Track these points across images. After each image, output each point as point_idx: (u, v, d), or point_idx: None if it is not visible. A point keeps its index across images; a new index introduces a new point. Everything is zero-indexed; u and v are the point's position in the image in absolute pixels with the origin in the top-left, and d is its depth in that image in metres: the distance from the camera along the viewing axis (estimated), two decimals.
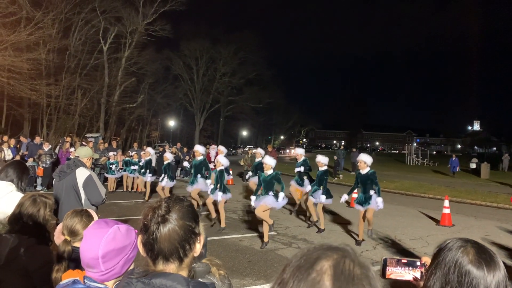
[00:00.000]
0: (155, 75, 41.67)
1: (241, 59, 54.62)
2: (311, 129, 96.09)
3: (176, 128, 57.35)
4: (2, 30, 20.92)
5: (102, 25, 31.97)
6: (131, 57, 35.62)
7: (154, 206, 1.33)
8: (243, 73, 55.32)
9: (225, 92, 56.11)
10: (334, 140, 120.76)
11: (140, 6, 34.66)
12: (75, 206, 4.15)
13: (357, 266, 0.79)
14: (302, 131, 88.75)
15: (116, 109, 35.14)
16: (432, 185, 19.27)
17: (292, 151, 60.30)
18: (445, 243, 1.29)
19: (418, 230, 9.49)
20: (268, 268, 6.48)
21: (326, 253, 0.81)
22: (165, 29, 36.15)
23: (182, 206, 1.33)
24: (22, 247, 2.22)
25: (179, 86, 51.24)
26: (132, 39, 34.97)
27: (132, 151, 16.67)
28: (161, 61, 42.46)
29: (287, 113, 74.67)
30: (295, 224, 9.85)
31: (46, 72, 26.52)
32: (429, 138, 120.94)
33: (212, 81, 54.21)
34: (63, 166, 4.66)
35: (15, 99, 25.81)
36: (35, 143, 15.55)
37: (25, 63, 21.60)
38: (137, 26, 34.52)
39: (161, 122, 52.68)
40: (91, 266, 1.59)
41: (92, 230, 1.62)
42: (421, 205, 13.54)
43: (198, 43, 49.79)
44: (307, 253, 0.83)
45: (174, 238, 1.27)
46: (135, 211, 10.81)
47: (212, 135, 63.04)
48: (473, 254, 1.19)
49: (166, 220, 1.27)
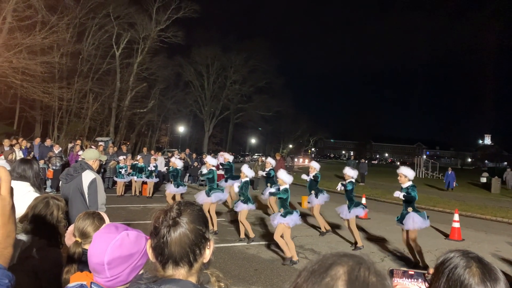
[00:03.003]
0: (166, 81, 42.02)
1: (251, 67, 54.87)
2: (320, 138, 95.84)
3: (186, 134, 57.59)
4: (18, 33, 21.26)
5: (116, 31, 32.36)
6: (143, 62, 35.96)
7: (165, 209, 1.32)
8: (253, 81, 55.56)
9: (235, 99, 56.33)
10: (343, 150, 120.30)
11: (154, 12, 35.08)
12: (81, 209, 4.16)
13: (372, 274, 0.77)
14: (310, 140, 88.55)
15: (126, 113, 35.42)
16: (442, 198, 19.08)
17: (300, 160, 60.09)
18: (448, 257, 1.29)
19: (427, 243, 9.37)
20: (275, 277, 6.43)
21: (342, 259, 0.80)
22: (178, 35, 36.56)
23: (193, 210, 1.32)
24: (34, 248, 2.23)
25: (190, 93, 51.58)
26: (145, 45, 35.33)
27: (140, 156, 16.77)
28: (172, 67, 42.82)
29: (296, 122, 74.57)
30: (302, 234, 9.78)
31: (59, 76, 26.89)
32: (439, 151, 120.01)
33: (222, 88, 54.48)
34: (70, 169, 4.67)
35: (27, 101, 26.20)
36: (45, 145, 15.70)
37: (39, 66, 21.89)
38: (150, 32, 34.90)
39: (171, 128, 52.95)
40: (97, 271, 1.58)
41: (100, 234, 1.61)
42: (430, 218, 13.34)
43: (210, 51, 50.17)
44: (322, 259, 0.82)
45: (185, 242, 1.26)
46: (143, 216, 10.82)
47: (221, 142, 63.24)
48: (479, 277, 1.21)
49: (177, 224, 1.26)
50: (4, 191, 0.92)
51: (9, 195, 0.93)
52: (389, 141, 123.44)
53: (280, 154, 23.82)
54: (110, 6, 30.49)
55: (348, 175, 8.84)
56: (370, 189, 21.23)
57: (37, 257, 2.27)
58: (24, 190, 3.31)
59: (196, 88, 52.63)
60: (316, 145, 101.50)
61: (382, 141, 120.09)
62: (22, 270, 2.30)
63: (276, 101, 57.83)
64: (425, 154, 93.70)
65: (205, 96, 53.53)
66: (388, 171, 42.85)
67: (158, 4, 34.97)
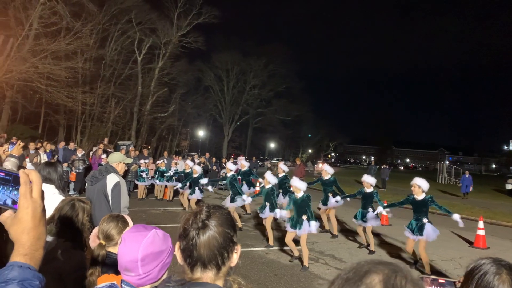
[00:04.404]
0: (186, 86, 42.44)
1: (271, 72, 54.87)
2: (340, 143, 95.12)
3: (205, 139, 57.93)
4: (44, 39, 21.83)
5: (137, 36, 32.84)
6: (164, 67, 36.38)
7: (195, 211, 1.33)
8: (273, 85, 55.55)
9: (254, 104, 56.41)
10: (364, 155, 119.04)
11: (175, 18, 35.51)
12: (105, 212, 4.22)
13: (410, 283, 0.74)
14: (330, 145, 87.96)
15: (148, 118, 35.87)
16: (465, 205, 18.66)
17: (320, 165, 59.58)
18: (479, 263, 1.26)
19: (450, 251, 9.18)
20: (295, 283, 6.38)
21: (377, 267, 0.78)
22: (198, 41, 36.91)
23: (222, 213, 1.33)
24: (59, 250, 2.26)
25: (209, 97, 51.94)
26: (166, 50, 35.75)
27: (161, 159, 16.94)
28: (192, 72, 43.23)
29: (315, 127, 74.25)
30: (322, 240, 9.70)
31: (82, 80, 27.45)
32: (462, 156, 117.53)
33: (242, 92, 54.66)
34: (95, 172, 4.76)
35: (52, 105, 26.80)
36: (69, 149, 16.01)
37: (63, 71, 22.40)
38: (171, 38, 35.31)
39: (191, 132, 53.38)
40: (129, 269, 1.59)
41: (131, 233, 1.63)
42: (453, 225, 13.02)
43: (229, 55, 50.47)
44: (357, 266, 0.80)
45: (214, 244, 1.27)
46: (163, 219, 10.92)
47: (240, 146, 63.31)
48: (508, 283, 1.18)
49: (206, 226, 1.27)
50: (35, 194, 0.94)
51: (40, 198, 0.95)
52: (410, 146, 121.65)
53: (300, 159, 23.69)
54: (132, 12, 31.04)
55: (367, 183, 8.84)
56: (391, 195, 20.91)
57: (61, 259, 2.30)
58: (49, 193, 3.37)
59: (215, 92, 52.98)
60: (336, 150, 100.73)
61: (403, 146, 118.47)
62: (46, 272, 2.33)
63: (295, 105, 57.65)
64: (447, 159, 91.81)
65: (224, 101, 53.82)
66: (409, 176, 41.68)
67: (179, 10, 35.42)
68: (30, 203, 0.92)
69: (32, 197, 0.93)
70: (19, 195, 0.93)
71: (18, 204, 0.93)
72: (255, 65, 53.08)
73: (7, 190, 0.96)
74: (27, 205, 0.92)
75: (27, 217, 0.92)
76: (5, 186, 0.97)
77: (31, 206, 0.92)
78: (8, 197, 0.96)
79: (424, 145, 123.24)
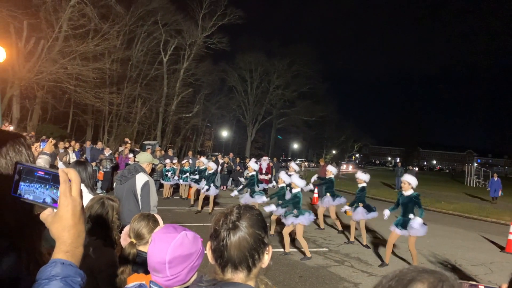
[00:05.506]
0: (210, 86, 42.76)
1: (295, 72, 54.60)
2: (364, 144, 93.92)
3: (229, 139, 58.18)
4: (73, 41, 22.39)
5: (163, 38, 33.32)
6: (189, 68, 36.76)
7: (225, 212, 1.32)
8: (297, 86, 55.26)
9: (278, 104, 56.27)
10: (389, 157, 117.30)
11: (200, 19, 35.84)
12: (134, 210, 4.29)
13: None
14: (355, 146, 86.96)
15: (173, 118, 36.32)
16: (495, 208, 18.11)
17: (344, 166, 58.90)
18: None
19: (481, 255, 8.93)
20: (320, 285, 6.32)
21: (421, 275, 0.74)
22: (223, 42, 37.12)
23: (252, 214, 1.32)
24: (90, 247, 2.29)
25: (233, 98, 52.11)
26: (191, 51, 36.12)
27: (185, 159, 17.10)
28: (217, 73, 43.54)
29: (340, 128, 73.48)
30: (346, 242, 9.57)
31: (109, 81, 28.04)
32: (491, 158, 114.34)
33: (265, 93, 54.60)
34: (125, 171, 4.83)
35: (80, 105, 27.43)
36: (97, 148, 16.34)
37: (91, 72, 22.93)
38: (196, 39, 35.66)
39: (214, 132, 53.71)
40: (157, 270, 1.60)
41: (160, 234, 1.64)
42: (483, 229, 12.73)
43: (253, 56, 50.54)
44: (400, 274, 0.77)
45: (244, 246, 1.26)
46: (188, 218, 11.01)
47: (263, 146, 63.29)
48: None
49: (236, 227, 1.26)
50: (74, 192, 0.95)
51: (79, 196, 0.96)
52: (437, 148, 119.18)
53: (324, 159, 23.49)
54: (158, 14, 31.53)
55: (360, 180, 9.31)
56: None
57: (93, 256, 2.33)
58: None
59: (239, 93, 53.13)
60: (360, 151, 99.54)
61: (430, 147, 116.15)
62: (79, 269, 2.38)
63: (319, 106, 57.18)
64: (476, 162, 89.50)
65: (248, 101, 53.90)
66: (436, 178, 41.20)
67: (204, 11, 35.71)
68: (70, 201, 0.93)
69: (72, 195, 0.94)
70: (59, 194, 0.94)
71: (58, 202, 0.94)
72: (279, 66, 52.95)
73: (47, 189, 0.98)
74: (67, 203, 0.93)
75: (68, 215, 0.93)
76: (44, 184, 0.98)
77: (71, 204, 0.93)
78: (47, 196, 0.98)
79: (451, 147, 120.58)
